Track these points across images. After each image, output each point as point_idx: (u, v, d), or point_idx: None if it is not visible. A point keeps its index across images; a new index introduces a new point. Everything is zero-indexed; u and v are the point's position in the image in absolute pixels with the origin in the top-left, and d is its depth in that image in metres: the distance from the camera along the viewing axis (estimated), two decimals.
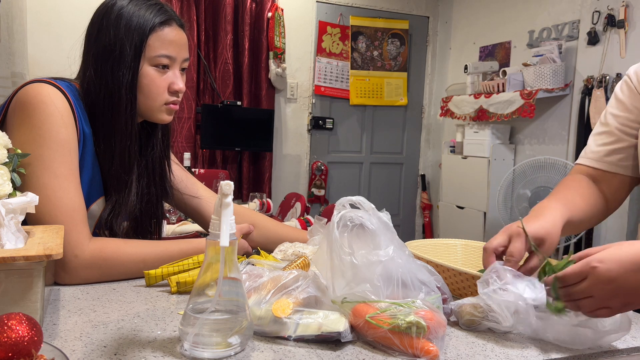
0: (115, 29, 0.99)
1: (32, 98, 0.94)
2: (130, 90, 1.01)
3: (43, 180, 0.91)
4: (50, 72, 1.07)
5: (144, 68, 1.01)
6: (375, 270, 0.75)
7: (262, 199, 2.48)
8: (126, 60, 0.99)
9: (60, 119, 0.94)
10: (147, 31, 1.00)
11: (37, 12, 3.36)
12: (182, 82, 1.06)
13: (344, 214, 0.79)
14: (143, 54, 1.00)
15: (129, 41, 0.99)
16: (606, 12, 3.11)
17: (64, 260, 0.90)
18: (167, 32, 1.03)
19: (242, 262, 0.92)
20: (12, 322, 0.53)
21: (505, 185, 3.30)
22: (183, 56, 1.06)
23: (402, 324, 0.68)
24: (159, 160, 1.14)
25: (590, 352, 0.75)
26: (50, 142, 0.93)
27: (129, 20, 1.00)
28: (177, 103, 1.08)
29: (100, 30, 1.01)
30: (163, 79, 1.03)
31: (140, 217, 1.12)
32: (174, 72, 1.05)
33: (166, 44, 1.02)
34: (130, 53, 0.99)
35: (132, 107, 1.01)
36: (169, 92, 1.05)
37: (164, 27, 1.02)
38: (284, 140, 4.22)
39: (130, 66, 1.00)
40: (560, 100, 3.44)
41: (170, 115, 1.08)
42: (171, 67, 1.04)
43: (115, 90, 1.00)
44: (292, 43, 4.12)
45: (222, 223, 0.66)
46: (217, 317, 0.66)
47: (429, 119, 4.73)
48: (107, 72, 1.00)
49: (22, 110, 0.94)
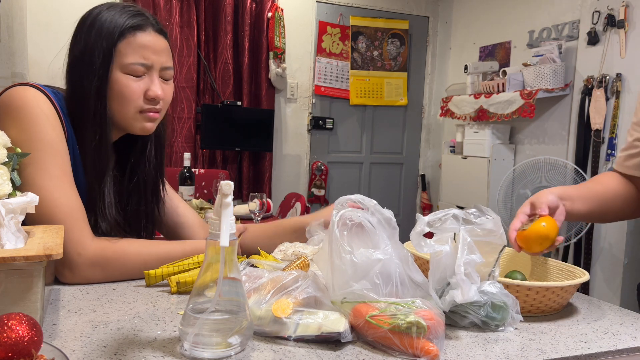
0: (87, 37, 0.98)
1: (17, 101, 0.93)
2: (99, 98, 0.97)
3: (38, 182, 0.91)
4: (50, 72, 1.07)
5: (115, 75, 0.97)
6: (375, 268, 0.75)
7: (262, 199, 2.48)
8: (94, 67, 0.96)
9: (46, 120, 0.93)
10: (116, 36, 0.97)
11: (37, 12, 3.36)
12: (159, 89, 1.00)
13: (343, 213, 0.79)
14: (112, 60, 0.97)
15: (98, 48, 0.96)
16: (606, 12, 3.11)
17: (68, 258, 0.90)
18: (140, 37, 0.98)
19: (242, 262, 0.92)
20: (12, 322, 0.53)
21: (505, 185, 3.30)
22: (161, 63, 1.01)
23: (402, 324, 0.68)
24: (152, 177, 1.12)
25: (590, 352, 0.75)
26: (39, 143, 0.92)
27: (100, 27, 0.97)
28: (157, 111, 1.02)
29: (75, 40, 1.00)
30: (137, 84, 0.99)
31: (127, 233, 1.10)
32: (151, 78, 1.00)
33: (138, 50, 0.98)
34: (99, 60, 0.96)
35: (101, 115, 0.98)
36: (145, 99, 1.00)
37: (136, 32, 0.98)
38: (284, 140, 4.22)
39: (98, 73, 0.96)
40: (560, 100, 3.44)
41: (150, 123, 1.02)
42: (148, 73, 1.00)
43: (84, 98, 0.97)
44: (292, 43, 4.12)
45: (222, 223, 0.66)
46: (217, 317, 0.66)
47: (429, 119, 4.73)
48: (77, 81, 0.98)
49: (7, 114, 0.93)
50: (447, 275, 0.80)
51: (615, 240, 3.11)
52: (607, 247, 3.16)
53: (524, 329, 0.82)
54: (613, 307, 0.96)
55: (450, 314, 0.80)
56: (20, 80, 2.85)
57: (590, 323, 0.87)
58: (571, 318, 0.89)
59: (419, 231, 0.81)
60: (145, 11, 1.03)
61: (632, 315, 0.92)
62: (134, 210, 1.12)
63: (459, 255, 0.79)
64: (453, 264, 0.79)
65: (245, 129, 3.87)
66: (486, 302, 0.79)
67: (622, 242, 3.07)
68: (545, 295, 0.86)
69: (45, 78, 1.19)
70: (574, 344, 0.77)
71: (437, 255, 0.80)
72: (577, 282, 0.89)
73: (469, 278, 0.77)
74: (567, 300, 0.92)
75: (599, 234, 3.20)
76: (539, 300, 0.86)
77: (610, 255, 3.14)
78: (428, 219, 0.83)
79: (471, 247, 0.80)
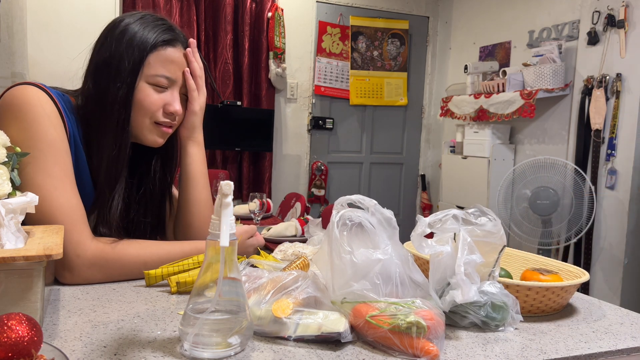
0: (117, 44, 0.99)
1: (18, 99, 0.93)
2: (124, 105, 0.99)
3: (37, 181, 0.91)
4: (50, 72, 1.07)
5: (140, 84, 0.99)
6: (375, 268, 0.75)
7: (262, 199, 2.48)
8: (123, 75, 0.98)
9: (47, 119, 0.93)
10: (148, 48, 0.99)
11: (37, 12, 3.36)
12: (178, 105, 1.03)
13: (343, 213, 0.79)
14: (141, 70, 0.99)
15: (128, 56, 0.98)
16: (606, 12, 3.11)
17: (67, 259, 0.90)
18: (170, 52, 1.02)
19: (242, 262, 0.92)
20: (12, 322, 0.53)
21: (505, 185, 3.30)
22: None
23: (402, 324, 0.68)
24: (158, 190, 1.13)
25: (590, 352, 0.75)
26: (40, 143, 0.92)
27: (132, 37, 0.99)
28: (171, 126, 1.05)
29: (103, 45, 1.01)
30: (159, 97, 1.01)
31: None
32: (172, 94, 1.03)
33: (166, 64, 1.01)
34: (128, 68, 0.98)
35: (124, 122, 0.99)
36: (163, 112, 1.03)
37: (167, 47, 1.01)
38: (284, 140, 4.22)
39: (126, 81, 0.98)
40: (560, 100, 3.44)
41: (161, 138, 1.05)
42: (170, 88, 1.03)
43: (109, 103, 0.98)
44: (292, 43, 4.12)
45: (222, 223, 0.66)
46: (217, 317, 0.66)
47: (429, 119, 4.73)
48: (103, 86, 0.99)
49: (8, 112, 0.93)
50: (447, 276, 0.80)
51: (615, 240, 3.11)
52: (607, 247, 3.16)
53: (524, 329, 0.82)
54: (613, 307, 0.96)
55: (450, 314, 0.80)
56: (20, 80, 2.85)
57: (590, 323, 0.87)
58: (571, 318, 0.89)
59: (419, 232, 0.81)
60: (176, 27, 1.06)
61: (632, 315, 0.92)
62: (138, 221, 1.12)
63: (459, 255, 0.79)
64: (453, 264, 0.78)
65: (245, 129, 3.87)
66: (486, 302, 0.79)
67: (622, 242, 3.07)
68: (545, 295, 0.86)
69: (45, 78, 1.18)
70: (574, 344, 0.77)
71: (438, 255, 0.80)
72: (577, 282, 0.89)
73: (469, 278, 0.77)
74: (567, 300, 0.92)
75: (599, 234, 3.20)
76: (539, 300, 0.86)
77: (610, 255, 3.14)
78: (429, 220, 0.83)
79: (471, 247, 0.80)
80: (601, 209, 3.18)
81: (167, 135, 1.06)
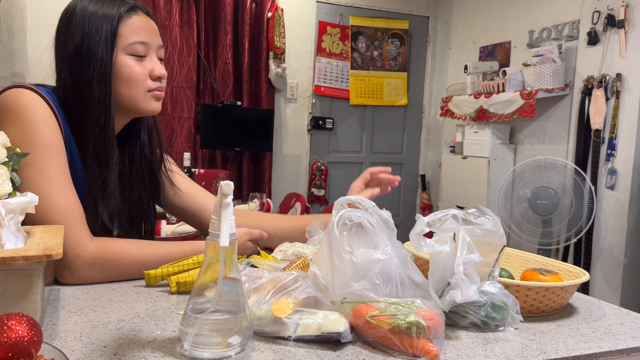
0: (82, 28, 0.99)
1: (13, 102, 0.94)
2: (103, 83, 0.99)
3: (35, 182, 0.91)
4: (50, 72, 1.07)
5: (120, 58, 1.00)
6: (375, 268, 0.75)
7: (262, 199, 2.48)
8: (96, 53, 0.98)
9: (43, 121, 0.94)
10: (117, 21, 1.00)
11: (37, 12, 3.36)
12: (162, 68, 1.05)
13: (343, 213, 0.79)
14: (116, 43, 1.00)
15: (99, 35, 0.98)
16: (606, 12, 3.11)
17: (66, 259, 0.91)
18: (136, 19, 1.03)
19: (242, 262, 0.92)
20: (12, 322, 0.53)
21: (505, 185, 3.30)
22: (157, 42, 1.05)
23: (402, 324, 0.68)
24: (148, 163, 1.14)
25: (590, 352, 0.75)
26: (36, 144, 0.92)
27: (94, 16, 0.99)
28: (161, 89, 1.07)
29: (67, 35, 1.01)
30: (142, 66, 1.03)
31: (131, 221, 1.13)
32: (151, 59, 1.04)
33: (138, 31, 1.02)
34: (102, 45, 0.98)
35: (105, 99, 1.00)
36: (150, 79, 1.04)
37: (132, 15, 1.02)
38: (284, 140, 4.22)
39: (102, 58, 0.98)
40: (560, 100, 3.44)
41: (158, 102, 1.07)
42: (148, 54, 1.04)
43: (87, 85, 0.99)
44: (292, 43, 4.12)
45: (222, 223, 0.66)
46: (217, 317, 0.66)
47: (429, 119, 4.73)
48: (78, 71, 0.99)
49: (3, 116, 0.94)
50: (447, 276, 0.80)
51: (615, 240, 3.11)
52: (607, 247, 3.16)
53: (524, 329, 0.82)
54: (613, 307, 0.96)
55: (450, 314, 0.80)
56: (20, 80, 2.85)
57: (590, 323, 0.87)
58: (571, 318, 0.89)
59: (418, 231, 0.81)
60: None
61: (632, 315, 0.92)
62: (136, 199, 1.13)
63: (458, 254, 0.79)
64: (453, 264, 0.78)
65: (245, 129, 3.87)
66: (486, 302, 0.79)
67: (622, 242, 3.07)
68: (545, 295, 0.86)
69: (45, 78, 1.19)
70: (574, 344, 0.77)
71: (437, 255, 0.80)
72: (577, 282, 0.89)
73: (469, 278, 0.77)
74: (567, 300, 0.92)
75: (599, 234, 3.20)
76: (539, 300, 0.86)
77: (610, 255, 3.14)
78: (428, 219, 0.83)
79: (470, 246, 0.80)
80: (601, 209, 3.18)
81: (161, 98, 1.07)
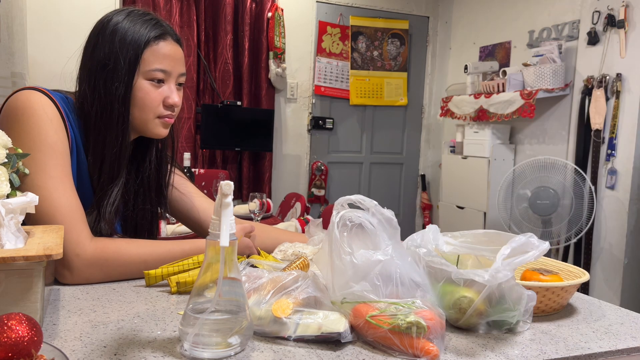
0: (111, 44, 1.00)
1: (21, 104, 0.96)
2: (123, 104, 1.01)
3: (37, 182, 0.92)
4: (50, 72, 1.08)
5: (139, 82, 1.01)
6: (375, 269, 0.75)
7: (262, 199, 2.48)
8: (120, 74, 0.99)
9: (49, 123, 0.95)
10: (142, 45, 1.00)
11: (37, 12, 3.36)
12: (177, 97, 1.06)
13: (343, 214, 0.79)
14: (138, 68, 1.00)
15: (124, 55, 0.99)
16: (606, 12, 3.11)
17: (66, 259, 0.91)
18: (162, 46, 1.03)
19: (242, 262, 0.92)
20: (12, 322, 0.53)
21: (505, 185, 3.30)
22: (179, 71, 1.06)
23: (402, 324, 0.68)
24: (155, 178, 1.15)
25: (590, 352, 0.75)
26: (40, 145, 0.94)
27: (124, 35, 1.00)
28: (172, 117, 1.08)
29: (95, 46, 1.02)
30: (158, 92, 1.03)
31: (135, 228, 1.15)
32: (169, 86, 1.05)
33: (160, 58, 1.02)
34: (125, 67, 0.99)
35: (124, 120, 1.01)
36: (163, 106, 1.05)
37: (159, 41, 1.03)
38: (284, 140, 4.22)
39: (124, 80, 1.00)
40: (560, 100, 3.44)
41: (166, 129, 1.08)
42: (166, 81, 1.04)
43: (108, 103, 1.00)
44: (292, 43, 4.12)
45: (222, 223, 0.66)
46: (217, 317, 0.66)
47: (429, 119, 4.73)
48: (100, 87, 1.00)
49: (12, 116, 0.96)
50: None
51: (615, 240, 3.11)
52: (607, 247, 3.16)
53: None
54: (613, 307, 0.96)
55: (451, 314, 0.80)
56: (19, 80, 2.85)
57: (590, 323, 0.87)
58: (571, 318, 0.89)
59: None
60: (163, 21, 1.07)
61: (632, 315, 0.92)
62: (139, 209, 1.14)
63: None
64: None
65: (245, 129, 3.87)
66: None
67: (622, 242, 3.07)
68: (545, 295, 0.86)
69: (45, 78, 1.19)
70: (574, 344, 0.77)
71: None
72: (577, 282, 0.89)
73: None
74: (567, 300, 0.92)
75: (599, 234, 3.20)
76: (539, 300, 0.86)
77: (610, 255, 3.14)
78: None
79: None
80: (601, 209, 3.18)
81: (169, 125, 1.08)
